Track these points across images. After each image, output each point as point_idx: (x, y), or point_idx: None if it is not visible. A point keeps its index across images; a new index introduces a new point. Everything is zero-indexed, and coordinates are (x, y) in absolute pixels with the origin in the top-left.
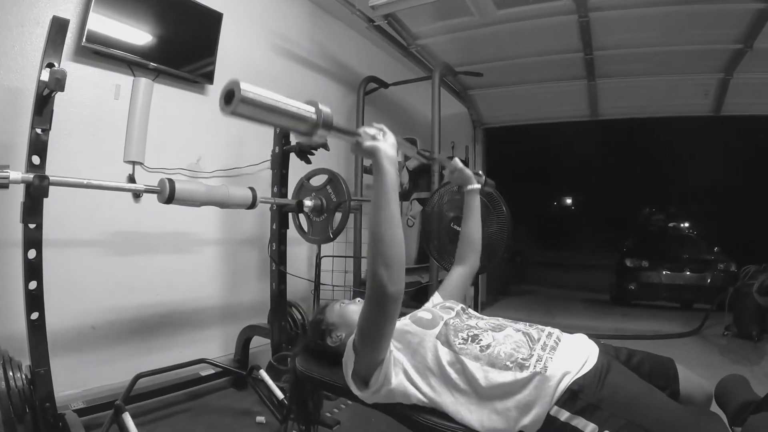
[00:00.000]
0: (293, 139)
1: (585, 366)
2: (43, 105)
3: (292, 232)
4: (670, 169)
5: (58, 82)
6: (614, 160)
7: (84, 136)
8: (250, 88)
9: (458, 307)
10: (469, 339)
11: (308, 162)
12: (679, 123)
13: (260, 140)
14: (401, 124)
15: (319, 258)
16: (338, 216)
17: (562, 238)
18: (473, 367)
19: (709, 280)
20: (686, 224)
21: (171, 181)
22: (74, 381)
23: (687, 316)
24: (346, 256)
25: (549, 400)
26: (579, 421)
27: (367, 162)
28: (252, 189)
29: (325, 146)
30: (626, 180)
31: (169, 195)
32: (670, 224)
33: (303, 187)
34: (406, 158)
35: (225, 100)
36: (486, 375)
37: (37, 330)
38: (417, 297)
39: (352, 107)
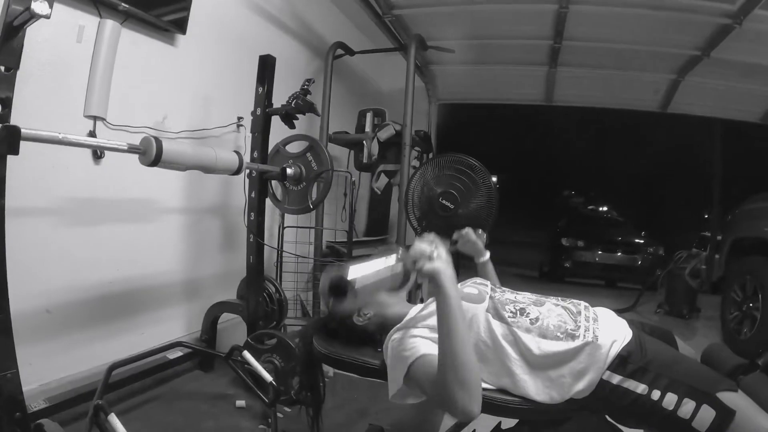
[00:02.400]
0: (280, 102)
1: (626, 335)
2: (10, 37)
3: (243, 201)
4: (604, 157)
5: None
6: (550, 143)
7: (41, 83)
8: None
9: (488, 283)
10: (518, 312)
11: (293, 127)
12: (622, 115)
13: (228, 101)
14: (363, 94)
15: (282, 228)
16: (317, 186)
17: None
18: (526, 338)
19: (639, 262)
20: (605, 208)
21: (158, 140)
22: (29, 376)
23: (617, 293)
24: (309, 227)
25: (602, 366)
26: (630, 383)
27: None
28: (238, 153)
29: (315, 111)
30: (558, 163)
31: (155, 156)
32: (589, 207)
33: (279, 153)
34: (378, 128)
35: (335, 296)
36: (539, 345)
37: None
38: None
39: (316, 72)
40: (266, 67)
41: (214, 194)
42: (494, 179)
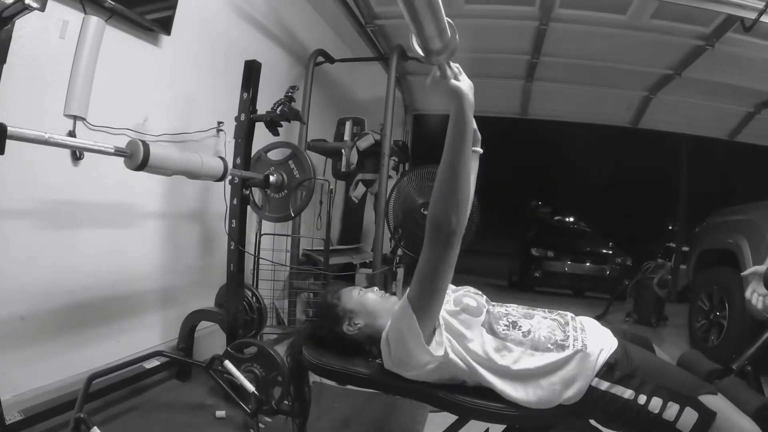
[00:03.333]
0: (261, 108)
1: (612, 343)
2: None
3: (221, 207)
4: (574, 169)
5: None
6: (522, 155)
7: (21, 79)
8: None
9: (483, 294)
10: (510, 326)
11: (276, 134)
12: (593, 129)
13: (209, 105)
14: (339, 103)
15: (259, 235)
16: (299, 194)
17: None
18: (518, 351)
19: (608, 272)
20: (571, 218)
21: (145, 144)
22: (3, 386)
23: (587, 303)
24: (287, 235)
25: (591, 374)
26: (617, 389)
27: None
28: (223, 159)
29: (300, 119)
30: (529, 175)
31: (142, 161)
32: (556, 217)
33: (260, 159)
34: (358, 137)
35: None
36: (531, 357)
37: None
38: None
39: (296, 79)
40: (252, 72)
41: (193, 200)
42: None
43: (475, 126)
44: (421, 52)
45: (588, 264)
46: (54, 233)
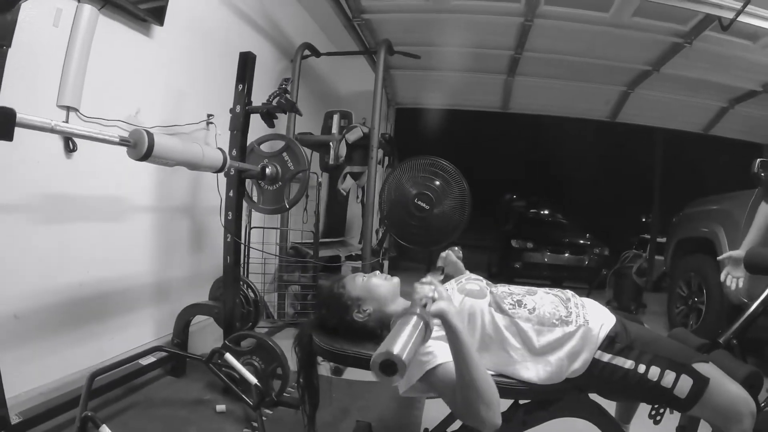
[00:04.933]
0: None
1: (611, 318)
2: (4, 10)
3: (212, 200)
4: (552, 162)
5: None
6: (501, 149)
7: (15, 67)
8: (402, 353)
9: (483, 279)
10: (516, 304)
11: (272, 125)
12: (572, 123)
13: (199, 97)
14: (324, 96)
15: (249, 228)
16: (293, 186)
17: None
18: (526, 327)
19: (586, 262)
20: (547, 211)
21: (150, 134)
22: None
23: None
24: (276, 228)
25: (594, 347)
26: (619, 360)
27: None
28: (222, 151)
29: (297, 110)
30: (507, 168)
31: (147, 150)
32: (531, 210)
33: (253, 151)
34: (346, 130)
35: (385, 374)
36: (539, 333)
37: None
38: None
39: (282, 72)
40: (247, 64)
41: (184, 193)
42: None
43: (462, 266)
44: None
45: (567, 255)
46: (46, 228)
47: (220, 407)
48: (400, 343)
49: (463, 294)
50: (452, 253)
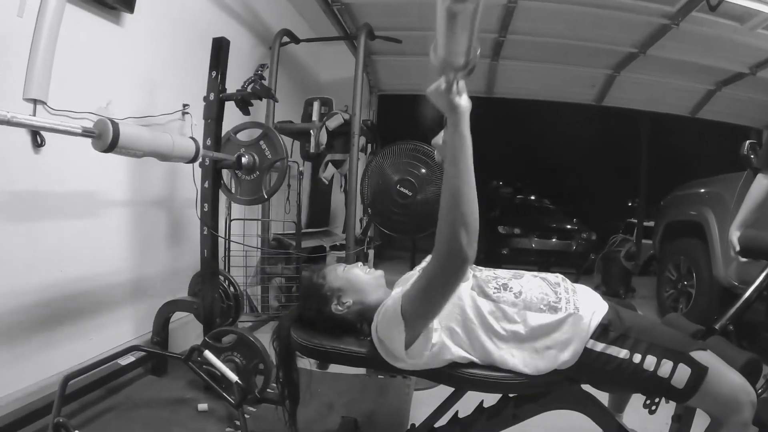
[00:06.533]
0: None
1: (603, 305)
2: None
3: (189, 193)
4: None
5: None
6: (486, 134)
7: None
8: None
9: None
10: (501, 288)
11: (247, 113)
12: (557, 107)
13: (173, 87)
14: (304, 84)
15: (229, 220)
16: (271, 176)
17: None
18: (512, 312)
19: (574, 247)
20: (533, 197)
21: (114, 123)
22: None
23: None
24: (257, 219)
25: (585, 336)
26: (613, 350)
27: None
28: (194, 140)
29: (272, 96)
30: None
31: (111, 140)
32: (518, 197)
33: (230, 141)
34: (327, 117)
35: None
36: (525, 319)
37: None
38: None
39: (260, 59)
40: (220, 50)
41: (159, 187)
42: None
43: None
44: (437, 64)
45: (554, 240)
46: (15, 226)
47: (202, 406)
48: None
49: None
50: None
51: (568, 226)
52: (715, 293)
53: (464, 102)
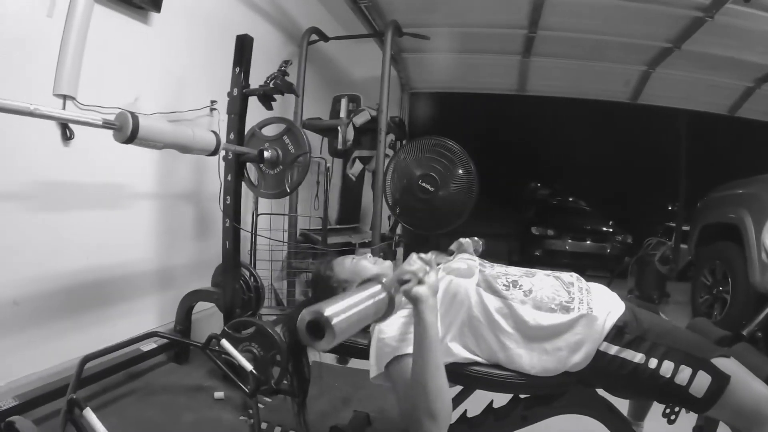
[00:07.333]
0: (254, 82)
1: (620, 306)
2: None
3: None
4: (573, 147)
5: None
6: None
7: (7, 59)
8: (336, 314)
9: (476, 258)
10: (510, 285)
11: (270, 108)
12: (592, 106)
13: (201, 84)
14: (335, 81)
15: (256, 215)
16: (295, 170)
17: None
18: (521, 310)
19: (608, 250)
20: (571, 198)
21: (134, 116)
22: None
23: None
24: (283, 214)
25: (598, 338)
26: (627, 353)
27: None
28: (215, 133)
29: (294, 91)
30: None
31: (131, 132)
32: (556, 198)
33: (254, 136)
34: (354, 114)
35: (312, 335)
36: (534, 317)
37: None
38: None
39: (290, 57)
40: (244, 46)
41: (187, 180)
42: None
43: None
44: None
45: (588, 242)
46: (45, 215)
47: (219, 394)
48: (338, 307)
49: (449, 273)
50: (471, 242)
51: (603, 229)
52: (751, 300)
53: (423, 291)
